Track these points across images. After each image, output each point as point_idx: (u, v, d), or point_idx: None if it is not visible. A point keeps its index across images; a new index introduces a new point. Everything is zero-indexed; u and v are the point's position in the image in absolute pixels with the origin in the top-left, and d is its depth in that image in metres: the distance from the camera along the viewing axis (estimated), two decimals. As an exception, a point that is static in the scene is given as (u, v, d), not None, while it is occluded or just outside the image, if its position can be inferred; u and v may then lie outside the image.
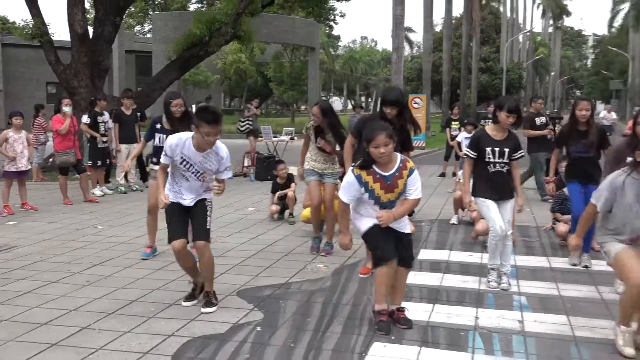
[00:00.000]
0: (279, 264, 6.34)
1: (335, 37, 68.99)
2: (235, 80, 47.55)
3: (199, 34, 15.77)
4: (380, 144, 4.22)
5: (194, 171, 4.80)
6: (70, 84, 14.32)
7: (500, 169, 5.54)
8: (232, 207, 9.92)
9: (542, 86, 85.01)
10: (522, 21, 69.77)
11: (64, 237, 7.61)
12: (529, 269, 6.26)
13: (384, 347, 4.17)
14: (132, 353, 4.02)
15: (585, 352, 4.10)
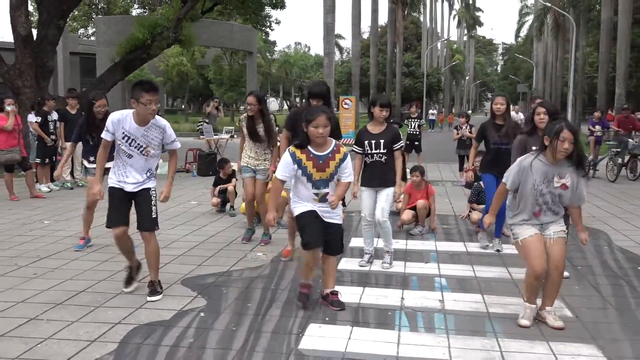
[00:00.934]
0: (221, 254, 6.28)
1: (272, 42, 68.74)
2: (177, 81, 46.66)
3: (141, 38, 15.45)
4: (320, 124, 4.32)
5: (136, 146, 4.65)
6: (14, 84, 13.75)
7: (378, 159, 5.64)
8: (176, 201, 9.75)
9: (458, 89, 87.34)
10: (440, 30, 71.48)
11: (11, 232, 7.28)
12: (448, 254, 6.42)
13: (319, 327, 4.19)
14: (80, 341, 3.90)
15: (497, 326, 4.25)
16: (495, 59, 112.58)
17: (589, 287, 5.25)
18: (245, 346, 3.85)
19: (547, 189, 4.17)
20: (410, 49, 57.10)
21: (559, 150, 4.04)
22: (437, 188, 9.70)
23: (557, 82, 46.27)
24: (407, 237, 7.11)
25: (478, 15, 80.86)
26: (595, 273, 5.69)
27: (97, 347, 3.80)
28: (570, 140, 4.03)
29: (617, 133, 13.84)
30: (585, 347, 3.90)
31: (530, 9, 60.19)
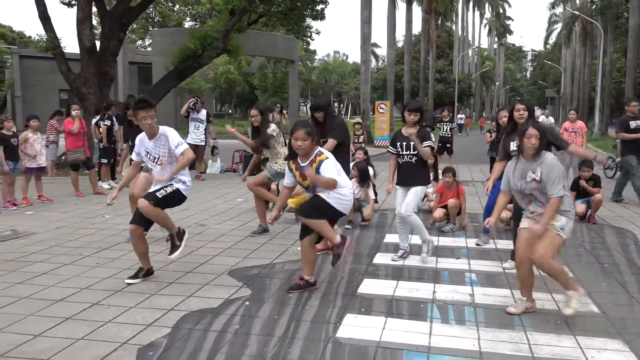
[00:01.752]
0: (264, 247, 6.33)
1: (312, 51, 68.90)
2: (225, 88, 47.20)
3: (193, 48, 15.68)
4: (298, 137, 4.45)
5: (151, 158, 4.86)
6: (80, 91, 14.15)
7: (409, 159, 5.63)
8: (223, 198, 9.87)
9: (488, 94, 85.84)
10: (472, 38, 70.37)
11: (76, 224, 7.50)
12: (478, 250, 6.33)
13: (355, 317, 4.19)
14: (137, 325, 3.99)
15: (525, 320, 4.16)
16: (524, 65, 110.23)
17: (616, 284, 5.09)
18: (287, 333, 3.87)
19: (524, 185, 4.23)
20: (443, 56, 56.37)
21: (527, 146, 4.16)
22: (467, 188, 9.55)
23: (585, 87, 44.94)
24: (438, 234, 7.03)
25: (508, 23, 79.25)
26: (621, 271, 5.51)
27: (152, 331, 3.89)
28: (535, 136, 4.14)
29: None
30: (611, 341, 3.79)
31: (559, 17, 58.64)
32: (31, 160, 9.11)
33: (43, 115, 12.90)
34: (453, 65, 54.00)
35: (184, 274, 5.21)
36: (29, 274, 5.20)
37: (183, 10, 43.29)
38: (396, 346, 3.68)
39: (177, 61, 16.16)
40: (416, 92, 42.84)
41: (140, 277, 5.03)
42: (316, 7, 19.15)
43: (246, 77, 48.46)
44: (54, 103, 29.24)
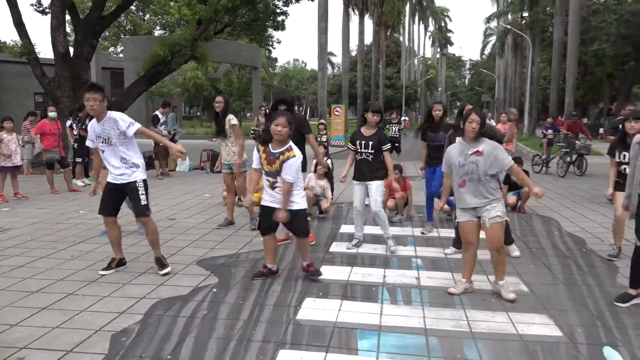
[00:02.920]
0: (231, 239, 6.26)
1: (274, 58, 68.47)
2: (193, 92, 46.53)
3: (162, 55, 15.37)
4: (279, 123, 4.35)
5: (102, 140, 4.66)
6: (54, 94, 13.67)
7: (366, 157, 5.66)
8: (192, 194, 9.72)
9: (432, 99, 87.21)
10: (417, 49, 71.29)
11: (51, 220, 7.24)
12: (423, 238, 6.43)
13: (314, 301, 4.19)
14: (110, 313, 3.88)
15: (464, 299, 4.26)
16: (463, 73, 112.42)
17: (542, 266, 5.27)
18: (251, 317, 3.85)
19: (464, 160, 4.26)
20: (392, 64, 56.92)
21: (468, 129, 4.24)
22: (413, 183, 9.69)
23: (516, 92, 46.26)
24: (388, 224, 7.10)
25: (449, 35, 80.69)
26: (547, 254, 5.70)
27: (125, 318, 3.80)
28: (477, 121, 4.22)
29: (566, 136, 13.85)
30: (538, 316, 3.92)
31: (493, 31, 60.11)
32: (6, 160, 8.77)
33: (19, 117, 12.46)
34: (401, 73, 54.64)
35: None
36: (5, 268, 5.00)
37: (153, 19, 42.31)
38: (351, 326, 3.70)
39: (148, 67, 15.80)
40: (368, 97, 43.14)
41: (114, 267, 4.90)
42: (277, 18, 19.05)
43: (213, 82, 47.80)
44: (29, 105, 28.14)
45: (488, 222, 4.22)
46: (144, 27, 41.95)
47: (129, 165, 4.70)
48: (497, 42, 56.92)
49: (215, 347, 3.36)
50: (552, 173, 13.38)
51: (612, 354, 3.33)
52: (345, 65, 34.26)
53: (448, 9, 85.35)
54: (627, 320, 3.83)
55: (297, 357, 3.25)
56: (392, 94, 50.93)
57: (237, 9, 16.08)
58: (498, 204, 4.26)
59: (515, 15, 43.70)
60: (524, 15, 39.10)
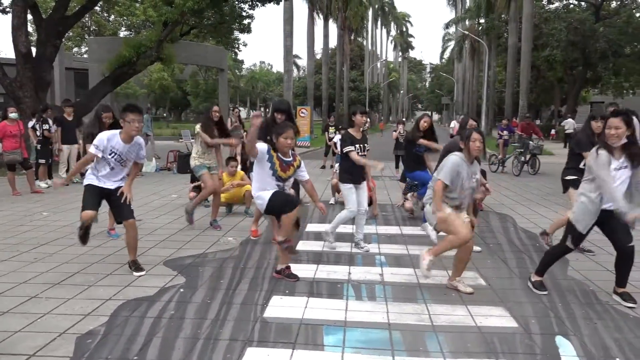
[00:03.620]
0: (198, 239, 6.17)
1: (240, 61, 67.81)
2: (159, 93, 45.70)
3: (128, 56, 15.06)
4: (289, 136, 4.48)
5: (120, 160, 4.65)
6: (15, 95, 13.19)
7: None
8: (159, 194, 9.54)
9: (394, 101, 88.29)
10: (380, 52, 72.05)
11: (14, 222, 6.97)
12: (387, 235, 6.49)
13: (280, 299, 4.18)
14: (75, 315, 3.76)
15: (426, 294, 4.33)
16: (424, 77, 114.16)
17: (499, 260, 5.40)
18: (219, 316, 3.80)
19: (468, 184, 4.30)
20: (355, 67, 57.31)
21: (473, 149, 4.23)
22: (377, 182, 9.79)
23: (473, 95, 47.33)
24: (352, 222, 7.14)
25: (410, 40, 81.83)
26: (503, 249, 5.85)
27: (90, 320, 3.68)
28: (479, 140, 4.23)
29: (521, 137, 14.26)
30: (495, 308, 4.01)
31: (452, 36, 61.32)
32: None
33: (-22, 118, 11.92)
34: (364, 76, 55.09)
35: (121, 265, 4.97)
36: (-36, 271, 4.77)
37: (118, 20, 41.32)
38: (317, 322, 3.70)
39: (113, 68, 15.45)
40: (333, 98, 43.31)
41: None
42: (243, 21, 18.92)
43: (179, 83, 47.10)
44: (-11, 106, 27.06)
45: (465, 219, 4.33)
46: (109, 27, 40.90)
47: (122, 178, 4.81)
48: (455, 47, 58.12)
49: (183, 347, 3.30)
50: (507, 172, 13.74)
51: (563, 342, 3.44)
52: (311, 67, 34.31)
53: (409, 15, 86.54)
54: (577, 311, 3.97)
55: (264, 355, 3.22)
56: (356, 96, 51.27)
57: (203, 11, 15.88)
58: None
59: (472, 21, 44.71)
60: (480, 22, 40.01)
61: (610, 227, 4.10)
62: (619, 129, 3.90)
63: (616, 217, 3.99)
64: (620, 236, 4.06)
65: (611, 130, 3.93)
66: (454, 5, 54.71)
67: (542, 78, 33.59)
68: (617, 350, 3.32)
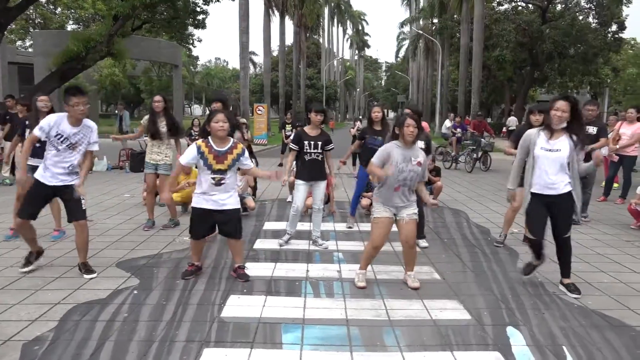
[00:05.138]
0: (152, 239, 6.02)
1: (195, 57, 66.45)
2: (110, 90, 44.24)
3: (76, 50, 14.52)
4: (220, 119, 4.34)
5: (67, 143, 4.46)
6: (-46, 90, 12.46)
7: (316, 157, 5.65)
8: (111, 194, 9.24)
9: (351, 99, 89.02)
10: (336, 50, 72.37)
11: (-48, 225, 6.59)
12: (344, 232, 6.54)
13: (238, 298, 4.14)
14: (21, 322, 3.60)
15: (383, 289, 4.39)
16: (380, 75, 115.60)
17: (453, 255, 5.54)
18: (175, 317, 3.72)
19: (406, 167, 4.29)
20: (312, 65, 57.41)
21: (406, 133, 4.26)
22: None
23: (428, 93, 48.34)
24: (310, 219, 7.15)
25: (366, 39, 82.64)
26: (457, 244, 6.01)
27: (37, 326, 3.53)
28: (413, 124, 4.26)
29: (473, 134, 14.66)
30: (449, 302, 4.12)
31: (406, 35, 62.42)
32: None
33: None
34: (321, 73, 55.25)
35: (71, 268, 4.79)
36: None
37: (65, 13, 39.73)
38: (275, 321, 3.69)
39: (60, 62, 14.85)
40: (289, 96, 43.26)
41: (33, 262, 4.60)
42: (197, 16, 18.58)
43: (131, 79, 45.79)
44: None
45: (406, 217, 4.37)
46: (56, 20, 39.24)
47: (71, 172, 4.55)
48: (410, 46, 59.09)
49: (137, 350, 3.22)
50: (460, 169, 14.11)
51: (514, 332, 3.57)
52: (267, 65, 34.09)
53: (365, 13, 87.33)
54: (526, 302, 4.13)
55: (222, 355, 3.19)
56: (313, 93, 51.39)
57: (155, 5, 15.51)
58: (414, 204, 4.46)
59: (426, 21, 45.62)
60: (434, 22, 40.87)
61: (552, 217, 4.28)
62: (564, 113, 4.10)
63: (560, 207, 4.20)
64: (559, 226, 4.27)
65: (557, 112, 4.12)
66: (408, 4, 55.62)
67: (492, 77, 34.65)
68: (563, 338, 3.48)
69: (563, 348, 3.34)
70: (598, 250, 5.72)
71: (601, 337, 3.50)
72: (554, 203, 4.22)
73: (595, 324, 3.72)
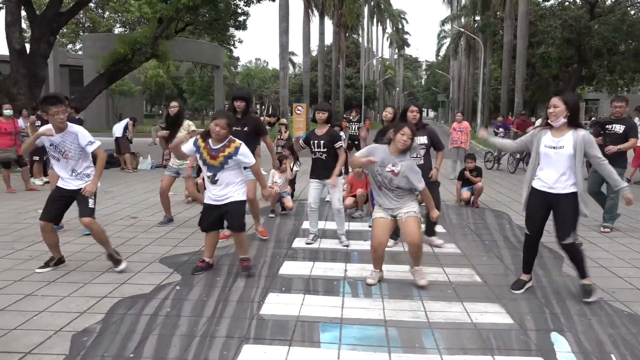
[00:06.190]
0: (194, 236, 6.16)
1: (236, 57, 67.68)
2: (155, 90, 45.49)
3: (123, 53, 15.00)
4: (219, 124, 4.42)
5: (59, 151, 4.60)
6: (10, 92, 13.09)
7: (320, 156, 5.68)
8: (155, 192, 9.48)
9: (390, 98, 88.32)
10: (376, 49, 71.99)
11: (8, 220, 6.94)
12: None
13: (277, 296, 4.18)
14: (71, 313, 3.76)
15: (422, 291, 4.33)
16: (420, 74, 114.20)
17: (494, 257, 5.42)
18: (215, 313, 3.80)
19: (381, 170, 4.28)
20: (351, 64, 57.29)
21: (399, 140, 4.22)
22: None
23: (469, 92, 47.42)
24: (349, 219, 7.16)
25: (406, 37, 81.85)
26: (499, 246, 5.87)
27: (86, 318, 3.68)
28: (408, 135, 4.21)
29: (516, 133, 14.30)
30: (491, 305, 4.03)
31: (447, 33, 61.38)
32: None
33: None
34: (360, 73, 55.06)
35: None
36: (-41, 269, 4.75)
37: (113, 17, 41.12)
38: (313, 319, 3.71)
39: (108, 65, 15.38)
40: (328, 96, 43.32)
41: (51, 266, 4.77)
42: (238, 18, 18.87)
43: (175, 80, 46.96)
44: (-17, 103, 26.84)
45: (404, 216, 4.32)
46: (103, 24, 40.72)
47: (80, 177, 4.67)
48: (451, 44, 58.09)
49: (179, 344, 3.30)
50: (503, 169, 13.78)
51: (558, 338, 3.45)
52: (306, 65, 34.27)
53: (405, 12, 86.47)
54: (572, 308, 3.99)
55: (261, 352, 3.23)
56: (352, 93, 51.27)
57: (198, 7, 15.83)
58: (412, 203, 4.39)
59: (468, 18, 44.76)
60: (476, 19, 40.04)
61: (555, 218, 4.14)
62: (556, 108, 3.98)
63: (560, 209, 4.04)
64: (558, 229, 4.10)
65: (549, 109, 4.05)
66: (449, 2, 54.72)
67: (537, 75, 33.63)
68: (611, 346, 3.35)
69: (611, 356, 3.21)
70: None
71: (652, 346, 3.35)
72: (554, 204, 4.07)
73: (646, 332, 3.56)
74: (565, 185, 4.02)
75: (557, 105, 3.98)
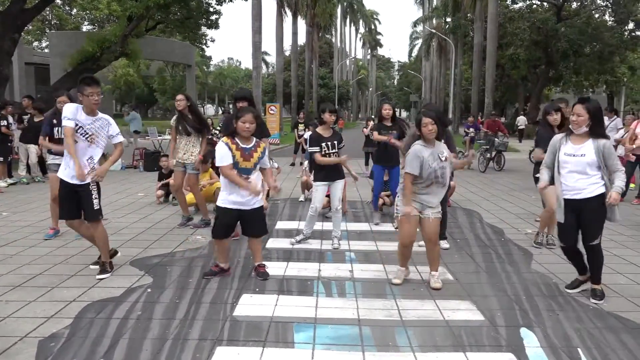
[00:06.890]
0: (165, 238, 6.07)
1: (208, 57, 66.94)
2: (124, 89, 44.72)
3: (91, 51, 14.72)
4: (247, 120, 4.32)
5: (83, 133, 4.44)
6: (-28, 90, 12.68)
7: (333, 157, 5.67)
8: (125, 193, 9.34)
9: (363, 98, 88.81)
10: (349, 50, 72.29)
11: (-30, 223, 6.70)
12: (356, 232, 6.53)
13: (250, 297, 4.15)
14: (37, 318, 3.65)
15: (395, 289, 4.38)
16: (392, 74, 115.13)
17: (466, 255, 5.50)
18: (187, 315, 3.75)
19: (434, 165, 4.26)
20: (324, 64, 57.41)
21: (426, 132, 4.26)
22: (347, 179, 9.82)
23: (441, 93, 48.06)
24: (323, 219, 7.16)
25: (379, 38, 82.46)
26: (470, 244, 5.96)
27: (53, 323, 3.58)
28: (430, 122, 4.24)
29: (486, 134, 14.54)
30: (463, 302, 4.09)
31: (419, 34, 62.05)
32: None
33: None
34: (333, 73, 55.23)
35: (85, 266, 4.85)
36: None
37: (81, 14, 40.15)
38: (287, 320, 3.70)
39: (75, 63, 15.07)
40: (302, 96, 43.29)
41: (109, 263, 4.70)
42: (210, 17, 18.72)
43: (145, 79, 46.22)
44: (-57, 102, 25.87)
45: (432, 216, 4.35)
46: (71, 22, 39.71)
47: (90, 168, 4.51)
48: (423, 45, 58.75)
49: (151, 347, 3.25)
50: (474, 168, 14.00)
51: (527, 334, 3.53)
52: (280, 64, 34.18)
53: (377, 12, 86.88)
54: (540, 303, 4.09)
55: (234, 353, 3.20)
56: (326, 93, 51.35)
57: (169, 6, 15.62)
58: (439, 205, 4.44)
59: (439, 20, 45.34)
60: (447, 21, 40.61)
61: (580, 223, 4.16)
62: (580, 117, 4.01)
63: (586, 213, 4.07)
64: (585, 232, 4.14)
65: (573, 117, 4.08)
66: (421, 4, 55.35)
67: (506, 76, 34.36)
68: (578, 340, 3.44)
69: (578, 350, 3.30)
70: (614, 251, 5.65)
71: (617, 340, 3.45)
72: (581, 208, 4.09)
73: (610, 326, 3.68)
74: (589, 190, 4.03)
75: (581, 115, 4.00)
